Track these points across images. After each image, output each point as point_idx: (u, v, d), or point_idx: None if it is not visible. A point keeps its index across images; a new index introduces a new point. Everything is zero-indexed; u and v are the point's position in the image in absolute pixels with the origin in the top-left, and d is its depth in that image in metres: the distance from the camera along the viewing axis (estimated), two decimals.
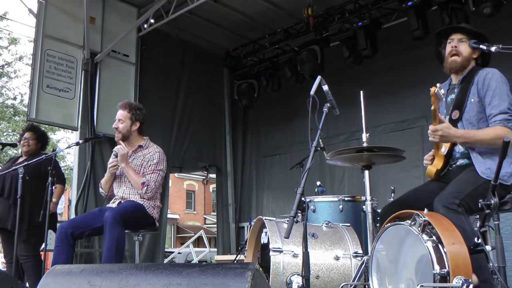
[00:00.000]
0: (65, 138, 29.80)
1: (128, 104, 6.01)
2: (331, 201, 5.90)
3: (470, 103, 4.11)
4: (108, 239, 5.06)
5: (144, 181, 5.66)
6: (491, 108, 3.98)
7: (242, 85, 11.91)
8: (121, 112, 5.92)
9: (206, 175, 13.05)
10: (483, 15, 8.10)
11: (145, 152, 5.93)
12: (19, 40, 29.97)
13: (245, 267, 2.28)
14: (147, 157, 5.87)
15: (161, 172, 5.81)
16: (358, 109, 4.78)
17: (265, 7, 10.44)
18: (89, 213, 5.94)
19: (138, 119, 5.98)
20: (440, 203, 3.68)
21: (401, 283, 3.53)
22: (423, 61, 8.63)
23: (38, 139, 7.35)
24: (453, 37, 4.32)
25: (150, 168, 5.79)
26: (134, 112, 5.93)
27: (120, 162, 5.74)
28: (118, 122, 5.91)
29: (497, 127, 3.90)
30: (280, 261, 4.68)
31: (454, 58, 4.26)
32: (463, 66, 4.25)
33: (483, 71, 4.11)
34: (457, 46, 4.25)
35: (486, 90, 4.01)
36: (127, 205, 5.59)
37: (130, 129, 5.92)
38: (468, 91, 4.14)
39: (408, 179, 8.39)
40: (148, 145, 6.01)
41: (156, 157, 5.84)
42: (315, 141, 4.06)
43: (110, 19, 9.98)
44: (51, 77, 8.94)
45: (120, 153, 5.72)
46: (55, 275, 2.80)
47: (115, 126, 5.91)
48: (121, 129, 5.88)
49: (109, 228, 5.07)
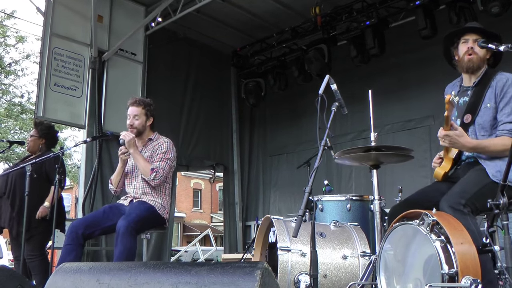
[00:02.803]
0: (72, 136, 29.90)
1: (141, 100, 5.96)
2: (339, 200, 5.88)
3: (485, 108, 4.06)
4: (120, 248, 5.00)
5: (153, 167, 5.61)
6: (502, 114, 3.95)
7: (249, 84, 11.92)
8: (135, 108, 5.86)
9: (213, 173, 13.01)
10: (491, 14, 8.08)
11: (154, 143, 5.89)
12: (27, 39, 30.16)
13: (254, 266, 2.27)
14: (156, 147, 5.83)
15: (169, 161, 5.75)
16: (365, 108, 4.78)
17: (272, 6, 10.44)
18: (99, 211, 5.87)
19: (152, 114, 5.96)
20: (446, 203, 3.66)
21: (409, 283, 3.52)
22: (430, 60, 8.62)
23: (41, 135, 7.31)
24: (467, 37, 4.23)
25: (158, 156, 5.74)
26: (148, 107, 5.91)
27: (128, 147, 5.66)
28: (133, 118, 5.83)
29: (505, 138, 3.87)
30: (288, 260, 4.68)
31: (471, 57, 4.17)
32: (479, 66, 4.19)
33: (502, 76, 4.06)
34: (473, 47, 4.17)
35: (502, 96, 3.97)
36: (139, 210, 5.44)
37: (145, 124, 5.88)
38: (483, 95, 4.09)
39: (415, 179, 8.37)
40: (157, 138, 5.97)
41: (165, 147, 5.79)
42: (323, 140, 4.05)
43: (118, 17, 10.00)
44: (58, 75, 8.96)
45: (127, 139, 5.63)
46: (64, 273, 2.80)
47: (130, 123, 5.82)
48: (137, 125, 5.81)
49: (121, 238, 5.01)
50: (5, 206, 6.93)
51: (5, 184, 7.00)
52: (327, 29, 10.39)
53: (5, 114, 27.78)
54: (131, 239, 5.08)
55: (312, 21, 10.50)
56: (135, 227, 5.14)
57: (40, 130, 7.34)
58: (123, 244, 5.01)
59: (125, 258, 4.98)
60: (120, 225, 5.07)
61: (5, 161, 27.37)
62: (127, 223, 5.10)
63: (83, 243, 5.33)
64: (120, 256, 5.00)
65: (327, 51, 10.25)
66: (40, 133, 7.32)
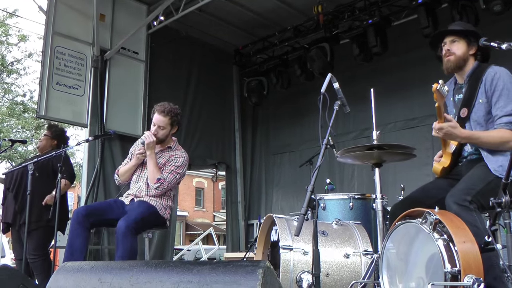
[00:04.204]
0: (75, 135, 29.91)
1: (169, 110, 5.78)
2: (341, 199, 5.87)
3: (478, 104, 4.09)
4: (121, 249, 4.98)
5: (160, 177, 5.59)
6: (497, 109, 3.96)
7: (252, 83, 11.93)
8: (161, 118, 5.73)
9: (215, 172, 13.04)
10: (493, 13, 8.08)
11: (172, 153, 5.84)
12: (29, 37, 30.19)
13: (256, 264, 2.28)
14: (172, 158, 5.78)
15: (178, 175, 5.72)
16: (367, 106, 4.77)
17: (275, 4, 10.45)
18: (105, 201, 5.87)
19: (178, 123, 5.90)
20: (452, 199, 3.65)
21: (411, 281, 3.52)
22: (433, 58, 8.55)
23: (54, 136, 7.35)
24: (445, 40, 4.36)
25: (170, 167, 5.70)
26: (175, 118, 5.81)
27: (146, 149, 5.63)
28: (158, 128, 5.72)
29: (502, 130, 3.88)
30: (290, 258, 4.68)
31: (447, 58, 4.28)
32: (458, 64, 4.26)
33: (491, 70, 4.09)
34: (449, 49, 4.28)
35: (493, 90, 3.99)
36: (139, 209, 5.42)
37: (169, 134, 5.84)
38: (476, 90, 4.12)
39: (418, 177, 8.35)
40: (177, 148, 5.92)
41: (180, 161, 5.75)
42: (326, 138, 4.05)
43: (120, 16, 10.00)
44: (60, 74, 8.96)
45: (147, 141, 5.59)
46: (66, 272, 2.80)
47: (154, 132, 5.70)
48: (160, 136, 5.73)
49: (122, 238, 4.99)
50: (10, 201, 6.97)
51: (11, 180, 7.06)
52: (329, 27, 10.39)
53: (7, 113, 27.83)
54: (132, 239, 5.06)
55: (314, 19, 10.52)
56: (135, 226, 5.12)
57: (54, 131, 7.42)
58: (124, 246, 5.00)
59: (126, 259, 4.98)
60: (120, 225, 5.05)
61: (7, 160, 27.42)
62: (127, 223, 5.07)
63: (89, 227, 5.26)
64: (121, 257, 4.97)
65: (329, 49, 10.23)
66: (54, 134, 7.37)
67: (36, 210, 6.73)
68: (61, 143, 7.34)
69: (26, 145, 27.00)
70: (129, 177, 5.93)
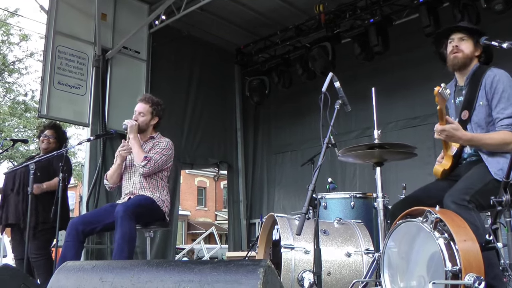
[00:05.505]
0: (76, 135, 29.92)
1: (150, 98, 6.00)
2: (342, 197, 5.88)
3: (479, 106, 4.09)
4: (119, 233, 5.01)
5: (147, 155, 5.64)
6: (497, 111, 3.96)
7: (253, 82, 11.93)
8: (142, 105, 5.91)
9: (217, 171, 13.03)
10: (494, 12, 8.07)
11: (155, 141, 5.93)
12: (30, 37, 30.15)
13: (257, 264, 2.28)
14: (155, 144, 5.87)
15: (164, 156, 5.76)
16: (369, 105, 4.78)
17: (276, 3, 10.46)
18: (101, 208, 5.91)
19: (158, 114, 5.99)
20: (450, 199, 3.66)
21: (412, 280, 3.52)
22: (434, 58, 8.53)
23: (58, 138, 7.35)
24: (453, 36, 4.33)
25: (156, 150, 5.78)
26: (155, 107, 5.95)
27: (129, 132, 5.72)
28: (138, 115, 5.89)
29: (503, 132, 3.89)
30: (291, 257, 4.69)
31: (455, 54, 4.25)
32: (465, 63, 4.25)
33: (491, 73, 4.08)
34: (458, 46, 4.25)
35: (493, 93, 3.99)
36: (137, 199, 5.53)
37: (149, 123, 5.93)
38: (476, 93, 4.12)
39: (420, 176, 8.31)
40: (159, 137, 6.00)
41: (164, 145, 5.83)
42: (327, 137, 4.05)
43: (122, 15, 10.00)
44: (62, 74, 8.96)
45: (129, 124, 5.72)
46: (67, 271, 2.80)
47: (134, 119, 5.86)
48: (140, 122, 5.85)
49: (121, 222, 5.02)
50: (12, 202, 6.95)
51: (13, 180, 7.03)
52: (331, 26, 10.38)
53: (9, 112, 27.85)
54: (130, 221, 5.10)
55: (316, 18, 10.52)
56: (133, 211, 5.17)
57: (58, 132, 7.40)
58: (122, 229, 5.03)
59: (127, 241, 5.02)
60: (118, 209, 5.12)
61: (9, 160, 27.44)
62: (125, 207, 5.15)
63: (83, 239, 5.35)
64: (121, 240, 5.03)
65: (331, 48, 10.24)
66: (58, 136, 7.37)
67: (43, 212, 6.73)
68: (63, 143, 7.36)
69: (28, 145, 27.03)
70: (118, 178, 5.99)
